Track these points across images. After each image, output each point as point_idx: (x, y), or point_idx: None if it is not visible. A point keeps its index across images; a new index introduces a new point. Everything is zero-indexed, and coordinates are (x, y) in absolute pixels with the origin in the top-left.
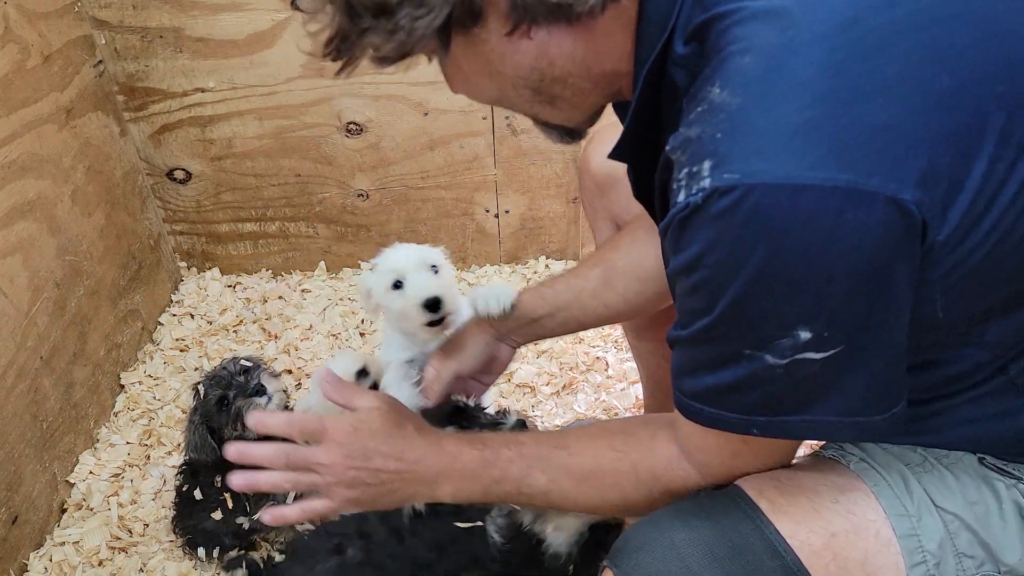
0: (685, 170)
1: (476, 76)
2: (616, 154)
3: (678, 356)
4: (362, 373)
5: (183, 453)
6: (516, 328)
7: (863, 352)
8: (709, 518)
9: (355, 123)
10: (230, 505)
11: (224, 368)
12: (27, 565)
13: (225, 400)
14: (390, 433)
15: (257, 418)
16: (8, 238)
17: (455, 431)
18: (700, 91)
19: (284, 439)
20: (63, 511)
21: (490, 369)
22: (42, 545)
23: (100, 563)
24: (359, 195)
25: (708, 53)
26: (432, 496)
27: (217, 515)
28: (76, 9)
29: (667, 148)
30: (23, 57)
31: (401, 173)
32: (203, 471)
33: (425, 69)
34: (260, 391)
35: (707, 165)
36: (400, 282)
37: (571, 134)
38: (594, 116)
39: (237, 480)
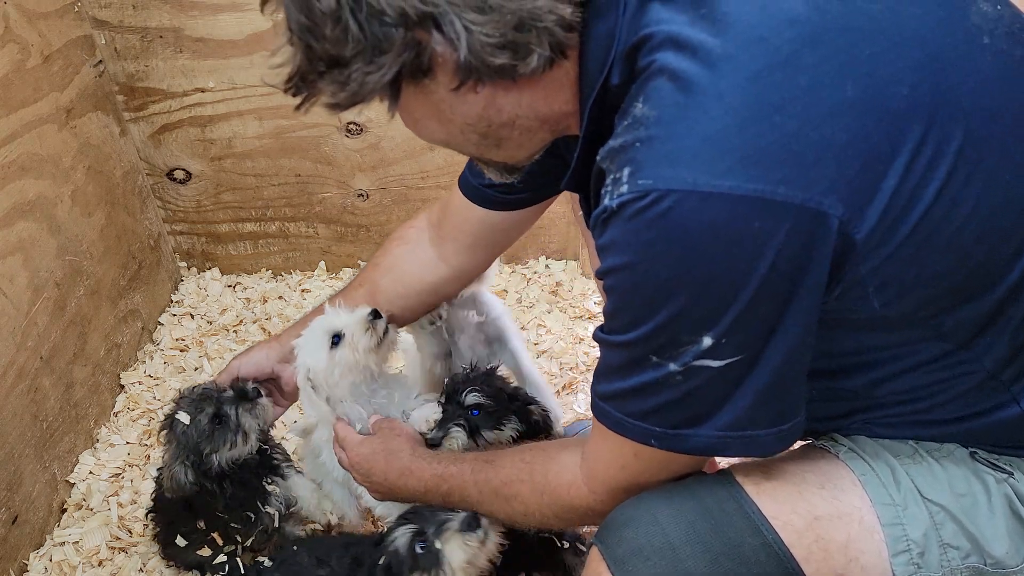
0: (611, 177)
1: (425, 120)
2: (568, 185)
3: (600, 357)
4: (375, 314)
5: (153, 496)
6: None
7: (760, 361)
8: (693, 497)
9: (355, 123)
10: (220, 542)
11: (199, 390)
12: (27, 565)
13: (219, 417)
14: (375, 459)
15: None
16: (8, 238)
17: (424, 450)
18: (628, 108)
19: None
20: (63, 511)
21: (278, 386)
22: (42, 545)
23: (100, 563)
24: (359, 195)
25: (634, 77)
26: (419, 501)
27: (205, 551)
28: (76, 9)
29: (597, 158)
30: (23, 57)
31: (401, 173)
32: (178, 517)
33: None
34: (259, 393)
35: (626, 172)
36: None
37: (511, 170)
38: (533, 155)
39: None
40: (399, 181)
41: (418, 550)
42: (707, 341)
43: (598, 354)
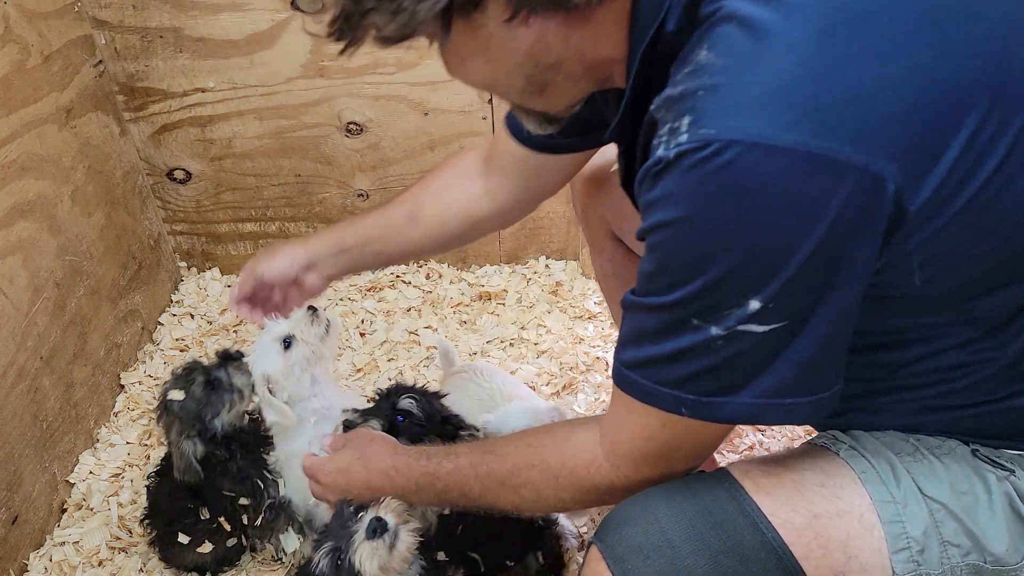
0: (667, 126)
1: (472, 60)
2: (612, 136)
3: (627, 323)
4: (312, 309)
5: (149, 501)
6: (327, 256)
7: (805, 328)
8: (693, 495)
9: (355, 123)
10: (227, 527)
11: (183, 369)
12: (27, 565)
13: (211, 379)
14: (353, 467)
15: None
16: (8, 238)
17: (412, 447)
18: (688, 55)
19: None
20: (63, 511)
21: (300, 292)
22: (42, 545)
23: (100, 563)
24: (359, 195)
25: (695, 24)
26: (407, 502)
27: (206, 548)
28: (76, 9)
29: (651, 107)
30: (23, 57)
31: (401, 173)
32: (179, 514)
33: (425, 69)
34: (240, 353)
35: (686, 121)
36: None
37: (551, 121)
38: (577, 104)
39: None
40: (399, 181)
41: (338, 565)
42: (754, 304)
43: (599, 354)
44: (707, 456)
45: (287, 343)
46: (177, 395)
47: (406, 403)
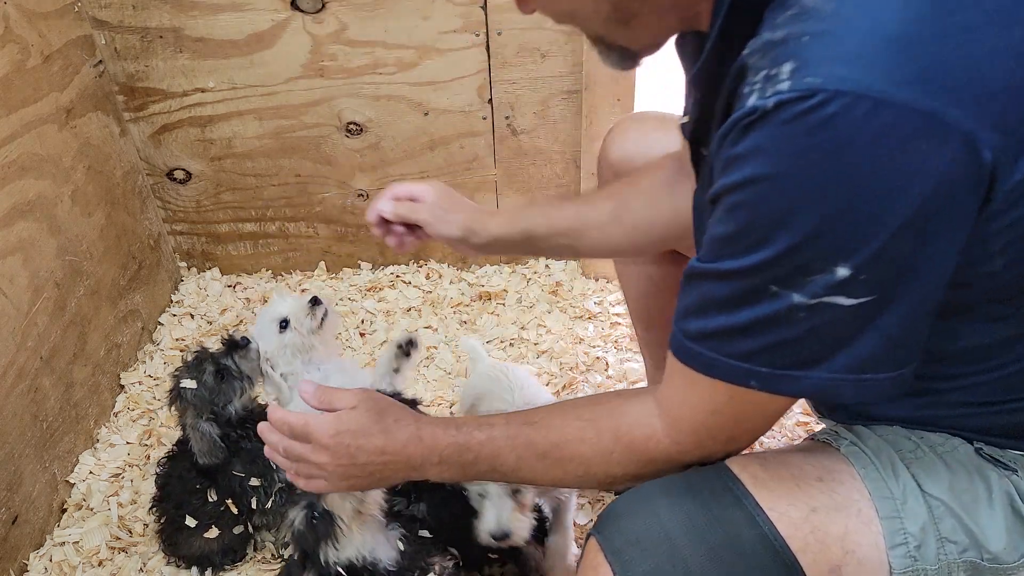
0: (762, 73)
1: None
2: (694, 77)
3: (690, 293)
4: (315, 301)
5: (158, 484)
6: (504, 241)
7: (894, 302)
8: (691, 489)
9: (355, 123)
10: (234, 510)
11: (191, 357)
12: (27, 565)
13: (220, 368)
14: (370, 431)
15: (271, 412)
16: (8, 238)
17: (431, 416)
18: None
19: None
20: (63, 511)
21: (443, 236)
22: (42, 545)
23: (100, 563)
24: (359, 195)
25: None
26: (421, 476)
27: (212, 533)
28: (76, 9)
29: (744, 53)
30: (23, 57)
31: (401, 173)
32: (188, 495)
33: (425, 69)
34: (247, 340)
35: (787, 68)
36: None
37: (632, 58)
38: (659, 43)
39: (266, 450)
40: (399, 181)
41: (314, 522)
42: (842, 272)
43: (599, 354)
44: (769, 428)
45: (283, 325)
46: (190, 384)
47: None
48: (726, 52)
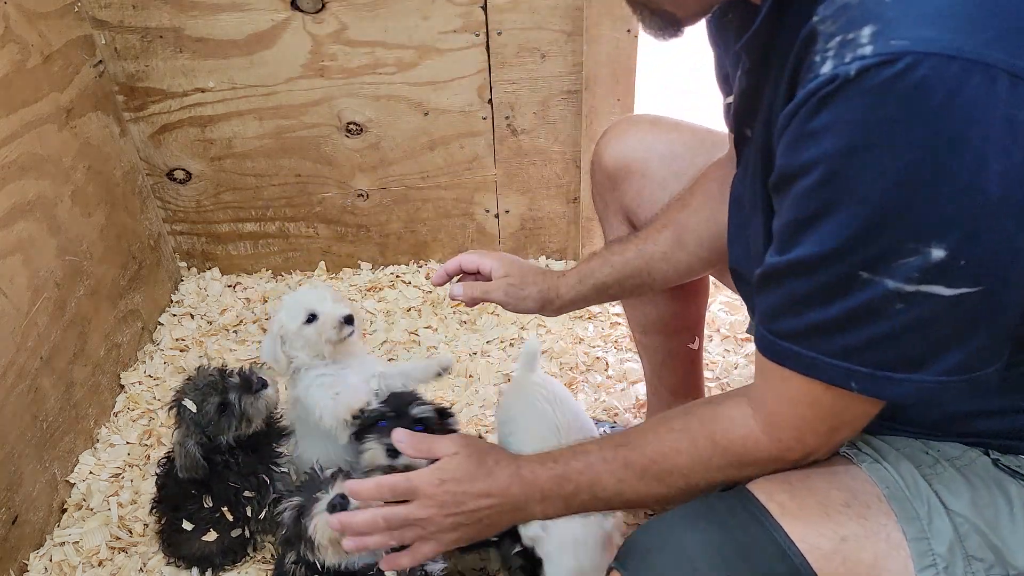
0: (837, 38)
1: None
2: (745, 46)
3: (773, 293)
4: (349, 320)
5: (157, 484)
6: (579, 300)
7: (997, 294)
8: (718, 521)
9: (355, 123)
10: (229, 518)
11: (207, 375)
12: (27, 565)
13: (225, 405)
14: (474, 475)
15: (350, 488)
16: (8, 238)
17: (529, 455)
18: None
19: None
20: (63, 511)
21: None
22: (42, 545)
23: (100, 563)
24: (359, 195)
25: None
26: (526, 518)
27: (211, 536)
28: (76, 9)
29: (814, 19)
30: (23, 57)
31: (401, 173)
32: (185, 500)
33: (425, 69)
34: (264, 385)
35: (868, 31)
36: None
37: (675, 25)
38: (706, 10)
39: (348, 544)
40: (399, 181)
41: (302, 522)
42: (937, 253)
43: (599, 354)
44: (869, 421)
45: (310, 319)
46: (190, 406)
47: (420, 410)
48: (783, 19)
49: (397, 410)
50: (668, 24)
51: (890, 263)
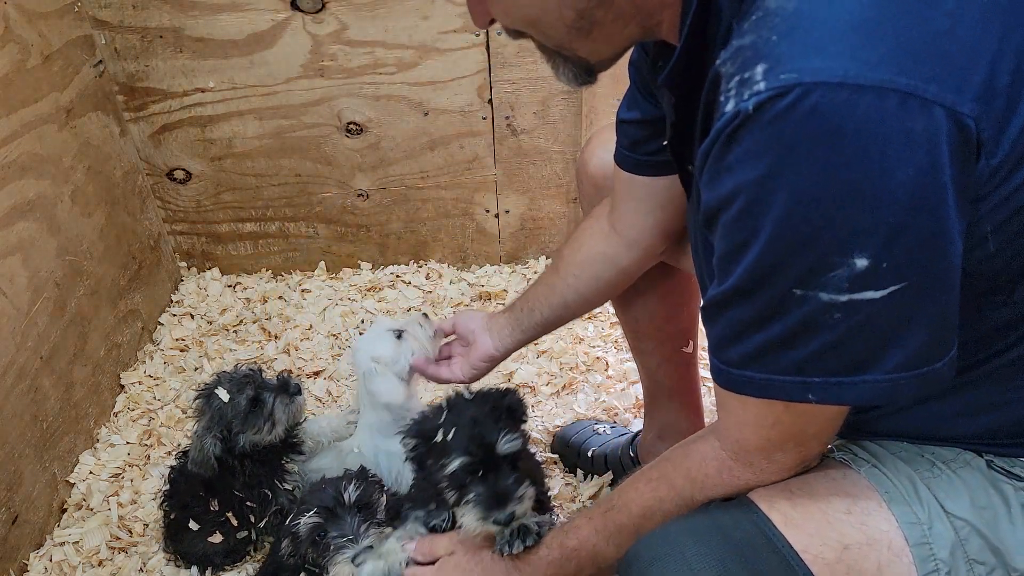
0: (736, 79)
1: None
2: (666, 80)
3: (718, 323)
4: (426, 315)
5: (169, 478)
6: (505, 326)
7: (925, 288)
8: (721, 531)
9: (355, 123)
10: (234, 523)
11: (248, 370)
12: (27, 565)
13: (257, 401)
14: (471, 571)
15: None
16: (8, 238)
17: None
18: (752, 4)
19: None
20: (63, 511)
21: (469, 356)
22: (42, 545)
23: (100, 563)
24: (359, 195)
25: None
26: None
27: (216, 538)
28: (76, 9)
29: (717, 63)
30: (23, 57)
31: (401, 173)
32: (194, 499)
33: (425, 69)
34: (299, 390)
35: (760, 69)
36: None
37: (589, 73)
38: (619, 55)
39: None
40: (399, 181)
41: (316, 539)
42: (861, 263)
43: (599, 354)
44: (837, 430)
45: (398, 335)
46: (223, 395)
47: (509, 445)
48: (695, 57)
49: (485, 453)
50: (582, 71)
51: (819, 277)
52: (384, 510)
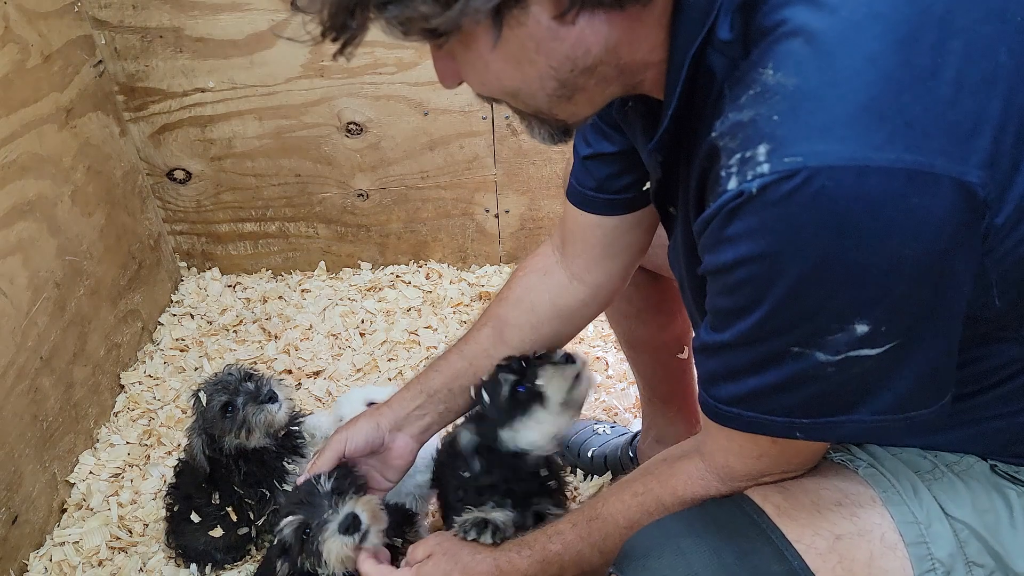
0: (737, 156)
1: (502, 64)
2: (657, 145)
3: (712, 362)
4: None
5: (176, 469)
6: (413, 409)
7: (919, 344)
8: (715, 524)
9: (355, 123)
10: (234, 518)
11: (229, 373)
12: (27, 565)
13: (230, 407)
14: (450, 572)
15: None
16: (8, 238)
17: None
18: (748, 74)
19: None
20: (63, 511)
21: (387, 462)
22: (42, 545)
23: (100, 563)
24: (359, 195)
25: (753, 37)
26: None
27: (217, 532)
28: (76, 9)
29: (712, 135)
30: (23, 57)
31: (401, 173)
32: (196, 491)
33: (425, 69)
34: (272, 398)
35: (763, 149)
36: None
37: (565, 132)
38: (596, 112)
39: None
40: (399, 181)
41: (303, 537)
42: (861, 328)
43: (599, 354)
44: (820, 456)
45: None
46: (203, 398)
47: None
48: (688, 119)
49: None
50: (557, 131)
51: (818, 340)
52: (360, 487)
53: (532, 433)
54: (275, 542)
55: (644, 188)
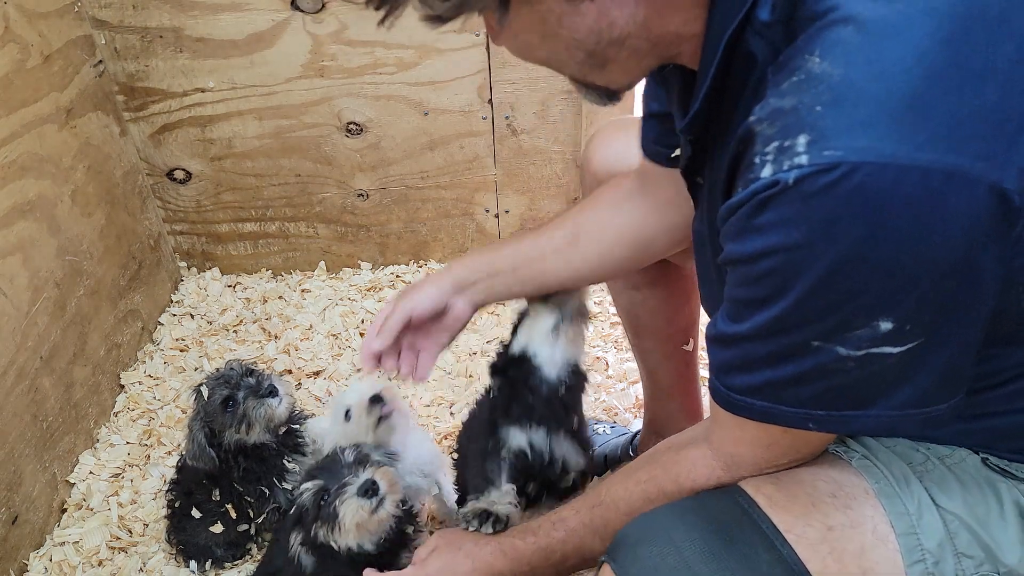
0: (774, 144)
1: (527, 35)
2: (688, 126)
3: (727, 352)
4: (376, 399)
5: (177, 466)
6: (479, 280)
7: (942, 344)
8: (706, 513)
9: (355, 123)
10: (233, 515)
11: (231, 369)
12: (27, 565)
13: (231, 401)
14: (455, 559)
15: None
16: (8, 238)
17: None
18: (793, 60)
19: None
20: (63, 511)
21: (442, 324)
22: (42, 545)
23: (100, 563)
24: (359, 195)
25: (799, 22)
26: None
27: (217, 528)
28: (76, 9)
29: (751, 119)
30: (23, 57)
31: (401, 173)
32: (197, 487)
33: (425, 69)
34: (272, 392)
35: (803, 140)
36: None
37: (612, 96)
38: (638, 80)
39: None
40: (399, 181)
41: (320, 504)
42: (885, 326)
43: (599, 354)
44: (827, 445)
45: (347, 415)
46: (205, 391)
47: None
48: (719, 105)
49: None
50: (606, 95)
51: (841, 335)
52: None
53: None
54: (291, 510)
55: (672, 155)
